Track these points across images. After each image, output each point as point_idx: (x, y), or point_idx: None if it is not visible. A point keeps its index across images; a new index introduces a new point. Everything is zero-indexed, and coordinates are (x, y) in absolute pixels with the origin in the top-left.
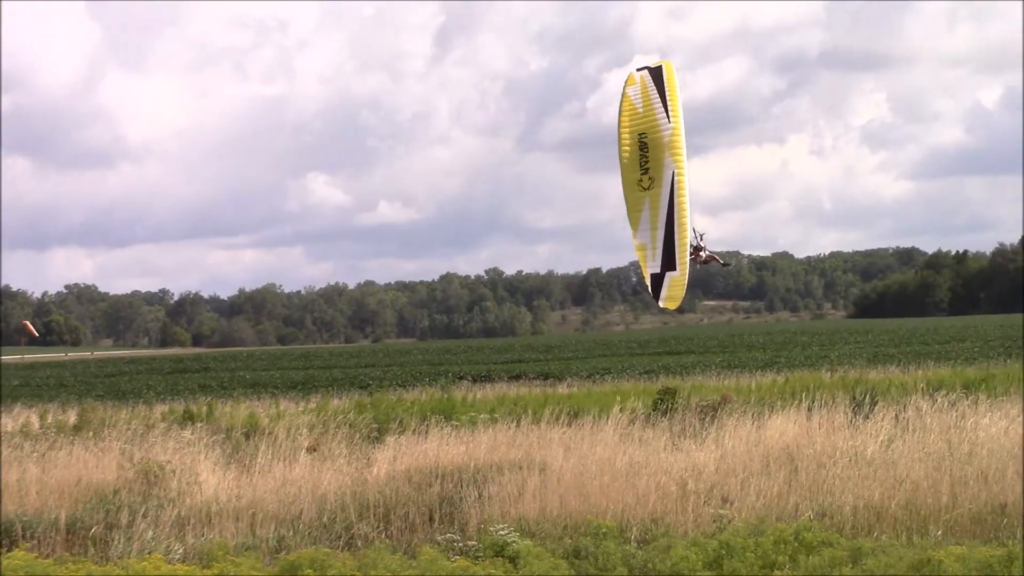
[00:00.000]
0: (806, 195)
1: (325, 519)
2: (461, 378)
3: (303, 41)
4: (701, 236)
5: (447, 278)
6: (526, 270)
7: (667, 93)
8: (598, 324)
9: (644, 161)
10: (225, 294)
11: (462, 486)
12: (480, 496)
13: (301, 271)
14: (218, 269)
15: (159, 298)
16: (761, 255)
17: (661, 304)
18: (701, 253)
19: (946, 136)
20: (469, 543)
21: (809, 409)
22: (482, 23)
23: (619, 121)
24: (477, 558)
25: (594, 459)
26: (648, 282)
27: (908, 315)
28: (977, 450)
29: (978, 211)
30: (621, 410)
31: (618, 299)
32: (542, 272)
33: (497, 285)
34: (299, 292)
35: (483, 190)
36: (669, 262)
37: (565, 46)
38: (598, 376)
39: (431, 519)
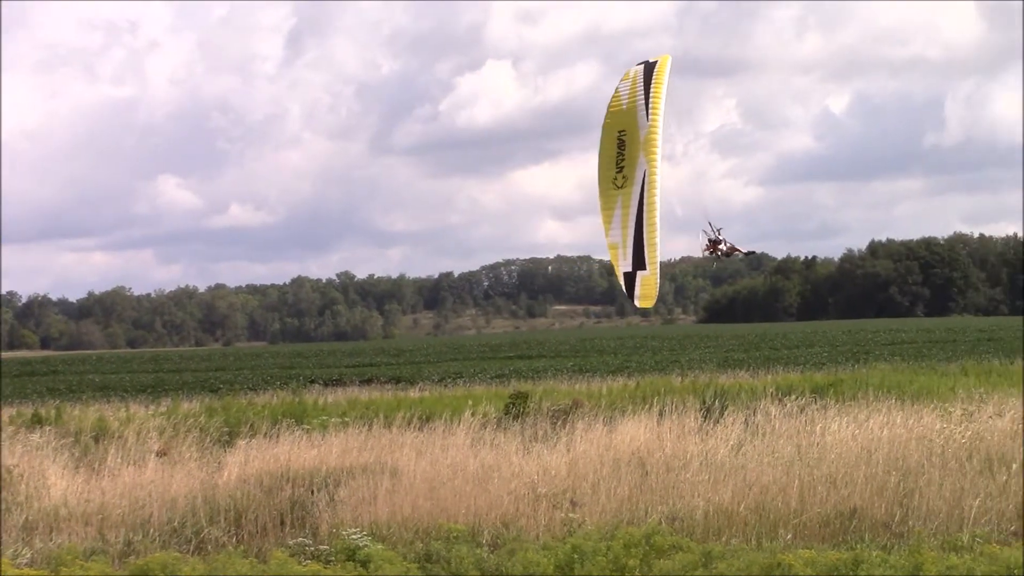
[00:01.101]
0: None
1: (175, 523)
2: (312, 382)
3: (153, 42)
4: (719, 230)
5: (298, 281)
6: (378, 273)
7: (652, 90)
8: (450, 328)
9: (620, 159)
10: (74, 297)
11: (313, 490)
12: (331, 500)
13: (151, 274)
14: (67, 271)
15: (7, 300)
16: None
17: (636, 303)
18: (721, 246)
19: (795, 143)
20: (320, 547)
21: (660, 413)
22: (334, 25)
23: (604, 118)
24: (328, 562)
25: (446, 463)
26: (621, 282)
27: (757, 320)
28: (826, 455)
29: (827, 217)
30: (473, 414)
31: (470, 303)
32: (394, 276)
33: (349, 289)
34: (149, 295)
35: (335, 193)
36: (639, 261)
37: (417, 49)
38: (450, 380)
39: (282, 523)
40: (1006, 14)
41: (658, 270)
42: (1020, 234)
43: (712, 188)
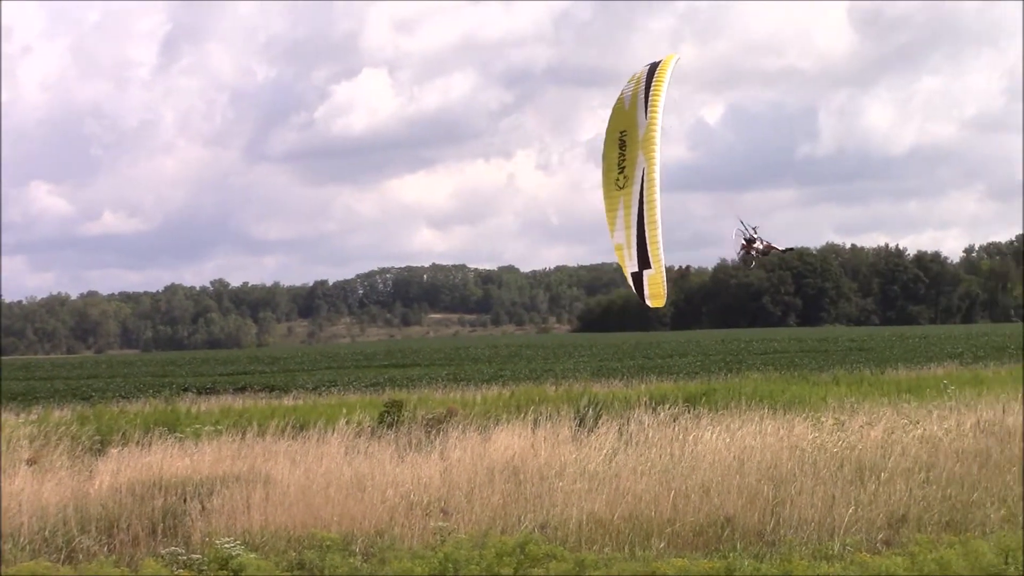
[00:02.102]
0: (532, 209)
1: (46, 532)
2: (186, 390)
3: (26, 47)
4: (754, 228)
5: (172, 289)
6: (252, 281)
7: (652, 88)
8: (324, 336)
9: (621, 160)
10: None
11: (186, 499)
12: (204, 509)
13: (22, 281)
14: None
15: None
16: (487, 268)
17: (648, 303)
18: (756, 245)
19: (670, 153)
20: (193, 556)
21: (534, 422)
22: (209, 32)
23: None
24: (201, 571)
25: (320, 472)
26: (630, 283)
27: (631, 329)
28: (699, 464)
29: (701, 227)
30: (347, 423)
31: (344, 311)
32: (268, 284)
33: (223, 296)
34: (20, 302)
35: (209, 201)
36: (644, 260)
37: (293, 56)
38: (324, 388)
39: (154, 532)
40: (878, 26)
41: (663, 267)
42: (891, 245)
43: (588, 197)
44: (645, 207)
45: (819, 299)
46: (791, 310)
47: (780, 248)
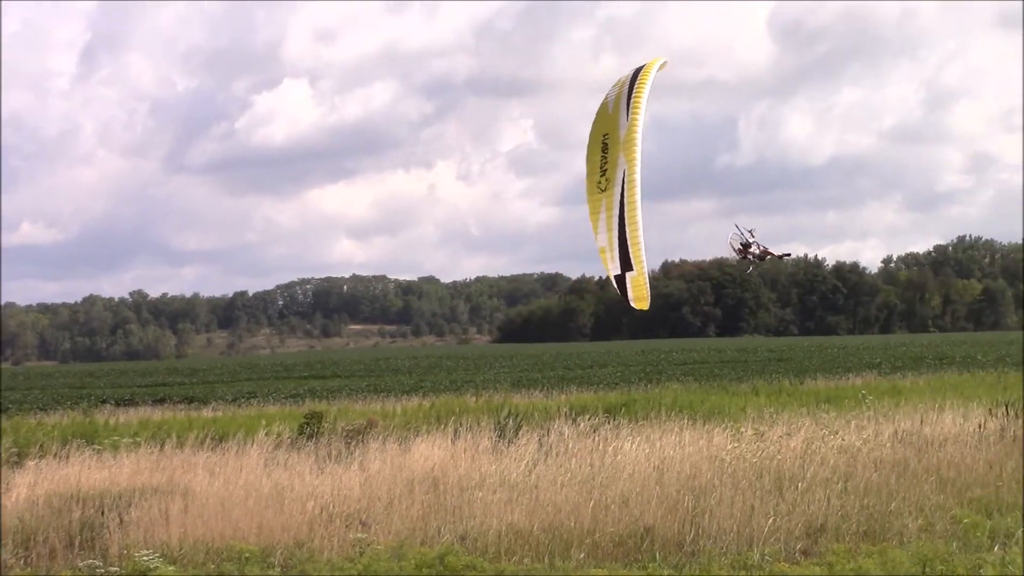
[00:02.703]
0: (453, 220)
1: None
2: (104, 402)
3: None
4: (751, 232)
5: (90, 300)
6: (171, 292)
7: (635, 90)
8: (244, 347)
9: (603, 162)
10: None
11: (104, 511)
12: (122, 521)
13: None
14: None
15: None
16: (408, 279)
17: (632, 305)
18: (753, 249)
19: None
20: (111, 569)
21: (454, 433)
22: (129, 41)
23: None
24: None
25: (239, 484)
26: (615, 285)
27: (552, 340)
28: (619, 474)
29: None
30: (267, 434)
31: (264, 322)
32: (187, 295)
33: (141, 307)
34: None
35: (128, 211)
36: (626, 262)
37: (213, 67)
38: (244, 400)
39: (72, 545)
40: (798, 37)
41: (645, 269)
42: (810, 255)
43: (507, 208)
44: (626, 208)
45: (738, 309)
46: (711, 320)
47: (776, 253)
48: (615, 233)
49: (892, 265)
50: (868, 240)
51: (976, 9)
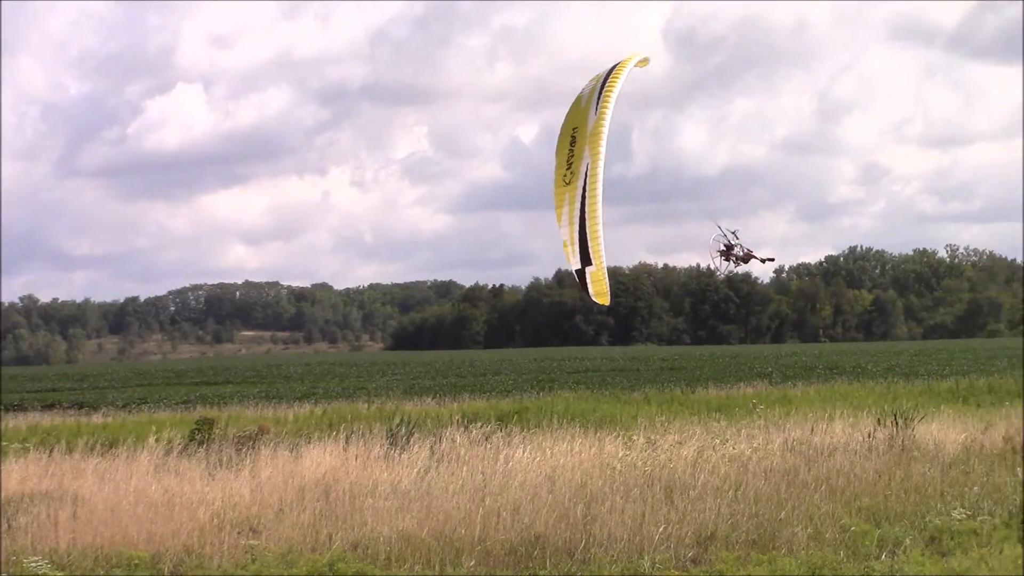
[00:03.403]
0: (347, 227)
1: None
2: None
3: None
4: (734, 232)
5: None
6: (62, 297)
7: (607, 84)
8: (135, 353)
9: (570, 156)
10: None
11: None
12: (10, 527)
13: None
14: None
15: None
16: (301, 286)
17: (594, 300)
18: (736, 251)
19: (484, 171)
20: None
21: (346, 440)
22: (20, 45)
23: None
24: None
25: (129, 490)
26: (576, 279)
27: (445, 348)
28: (510, 481)
29: (514, 246)
30: (157, 440)
31: (156, 328)
32: (78, 300)
33: (31, 312)
34: None
35: (18, 215)
36: (586, 257)
37: (106, 71)
38: (134, 406)
39: None
40: (692, 47)
41: (604, 263)
42: (703, 265)
43: (401, 215)
44: (586, 202)
45: (631, 318)
46: (603, 329)
47: (759, 257)
48: (576, 227)
49: (784, 275)
50: (761, 250)
51: (869, 22)
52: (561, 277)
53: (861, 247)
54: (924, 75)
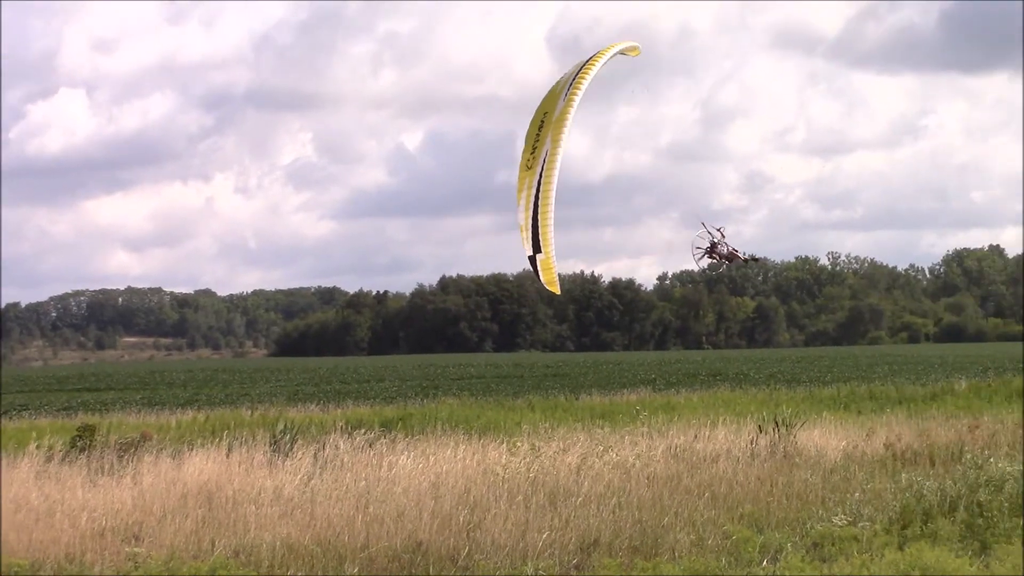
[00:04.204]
0: (231, 233)
1: None
2: None
3: None
4: (720, 230)
5: None
6: None
7: (580, 73)
8: (16, 360)
9: (536, 141)
10: None
11: None
12: None
13: None
14: None
15: None
16: (184, 292)
17: (546, 288)
18: (719, 248)
19: (369, 178)
20: None
21: (229, 447)
22: None
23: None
24: None
25: (8, 497)
26: (530, 265)
27: (329, 354)
28: (394, 488)
29: (399, 252)
30: (38, 447)
31: (37, 334)
32: None
33: None
34: None
35: None
36: (537, 244)
37: None
38: (14, 412)
39: None
40: (576, 54)
41: (553, 251)
42: (587, 271)
43: (285, 221)
44: (541, 188)
45: (515, 325)
46: (488, 335)
47: (743, 257)
48: (531, 213)
49: (667, 282)
50: (644, 257)
51: (752, 30)
52: (446, 283)
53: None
54: (806, 83)
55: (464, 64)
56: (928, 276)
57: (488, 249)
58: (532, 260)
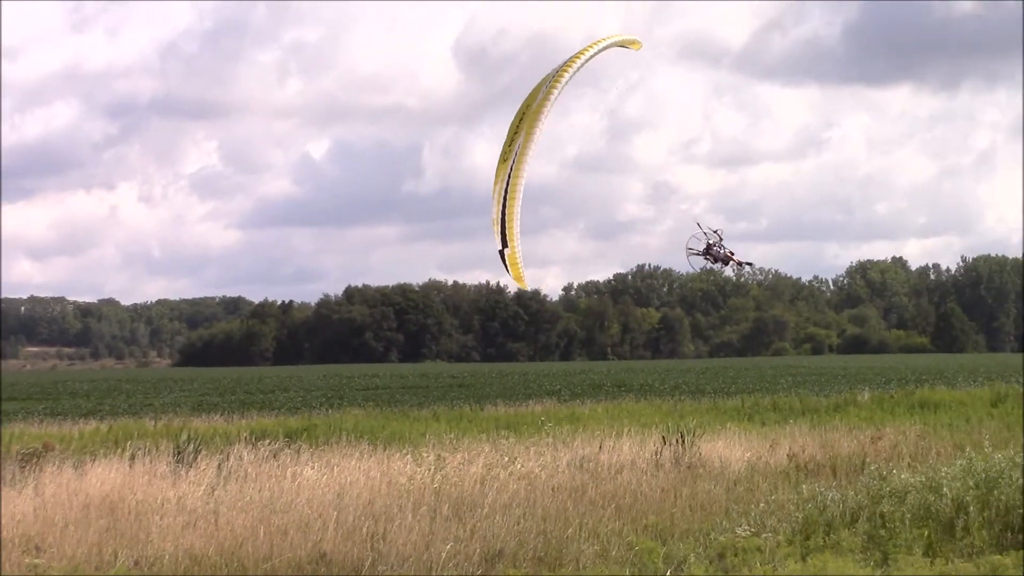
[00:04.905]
0: (135, 242)
1: None
2: None
3: None
4: (717, 232)
5: None
6: None
7: (564, 65)
8: None
9: (515, 133)
10: None
11: None
12: None
13: None
14: None
15: None
16: (87, 301)
17: (516, 283)
18: (717, 249)
19: (275, 187)
20: None
21: (132, 457)
22: None
23: None
24: None
25: None
26: (501, 260)
27: (234, 364)
28: (298, 499)
29: (304, 262)
30: None
31: None
32: None
33: None
34: None
35: None
36: (504, 238)
37: None
38: None
39: None
40: (483, 65)
41: (518, 246)
42: (492, 282)
43: (190, 231)
44: (510, 181)
45: (421, 335)
46: (393, 346)
47: (739, 261)
48: (499, 207)
49: (573, 293)
50: (550, 268)
51: (658, 42)
52: (351, 294)
53: (649, 265)
54: (712, 95)
55: (370, 74)
56: (832, 288)
57: (394, 259)
58: (501, 255)
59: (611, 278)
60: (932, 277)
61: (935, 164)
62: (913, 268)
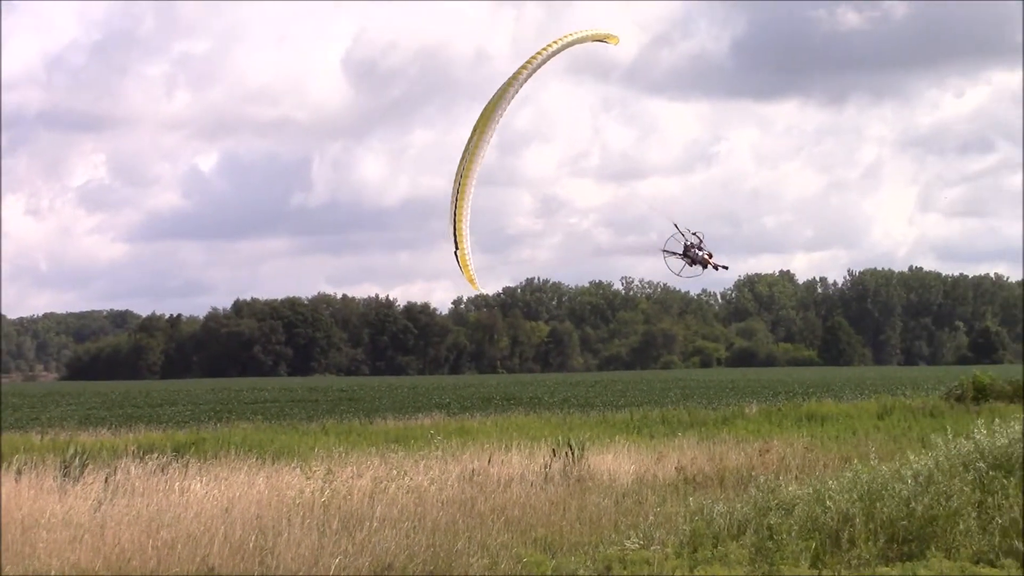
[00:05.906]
0: (21, 255)
1: None
2: None
3: None
4: (696, 234)
5: None
6: None
7: (526, 61)
8: None
9: (474, 131)
10: None
11: None
12: None
13: None
14: None
15: None
16: None
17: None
18: (695, 251)
19: (163, 200)
20: None
21: (18, 472)
22: None
23: None
24: None
25: None
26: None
27: (121, 378)
28: (186, 513)
29: (193, 275)
30: None
31: None
32: None
33: None
34: None
35: None
36: (454, 239)
37: None
38: None
39: None
40: (372, 79)
41: (468, 246)
42: (382, 295)
43: (77, 244)
44: (461, 181)
45: (310, 349)
46: (282, 359)
47: (715, 265)
48: (452, 206)
49: (462, 306)
50: (440, 281)
51: (547, 55)
52: (240, 307)
53: (538, 279)
54: (601, 109)
55: (259, 86)
56: (720, 301)
57: (283, 272)
58: (454, 256)
59: (500, 291)
60: (819, 291)
61: (822, 178)
62: (800, 281)
